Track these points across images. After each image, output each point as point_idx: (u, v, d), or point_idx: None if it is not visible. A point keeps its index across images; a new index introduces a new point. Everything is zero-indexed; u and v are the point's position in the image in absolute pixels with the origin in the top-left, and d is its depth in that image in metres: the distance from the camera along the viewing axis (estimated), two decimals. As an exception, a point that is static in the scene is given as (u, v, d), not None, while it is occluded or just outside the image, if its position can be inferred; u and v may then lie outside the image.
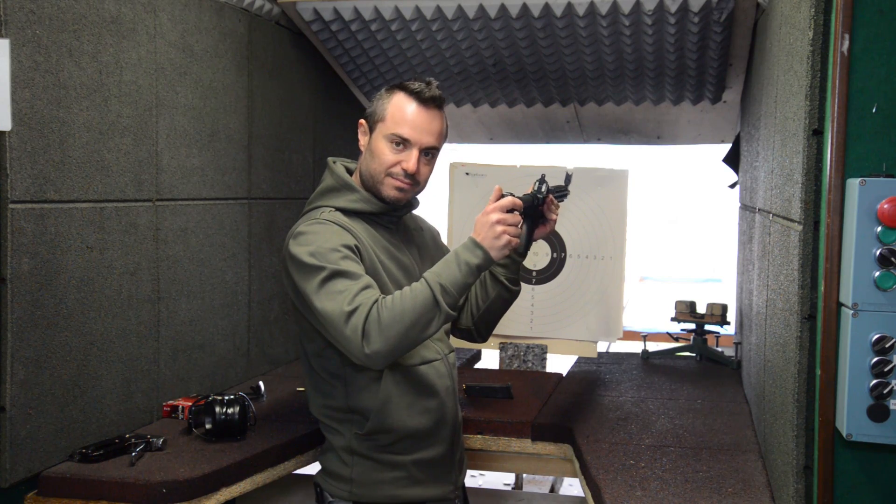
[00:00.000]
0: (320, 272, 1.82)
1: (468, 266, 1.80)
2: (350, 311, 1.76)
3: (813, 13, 1.64)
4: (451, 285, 1.79)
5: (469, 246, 1.83)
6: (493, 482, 4.34)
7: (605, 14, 2.84)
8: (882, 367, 1.54)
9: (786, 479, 1.79)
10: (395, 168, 1.97)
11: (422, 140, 1.98)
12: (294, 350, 3.30)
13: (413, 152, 1.97)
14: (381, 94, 2.02)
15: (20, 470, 2.00)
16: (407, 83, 2.00)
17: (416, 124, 1.97)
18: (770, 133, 2.23)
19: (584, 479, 2.20)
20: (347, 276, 1.81)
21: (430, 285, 1.78)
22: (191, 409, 2.34)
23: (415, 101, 1.97)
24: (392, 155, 1.97)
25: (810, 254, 1.69)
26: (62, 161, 2.09)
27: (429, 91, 1.98)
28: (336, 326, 1.77)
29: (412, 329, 1.76)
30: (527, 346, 3.30)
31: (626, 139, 4.03)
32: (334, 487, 2.01)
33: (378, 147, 1.98)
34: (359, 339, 1.74)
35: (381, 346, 1.74)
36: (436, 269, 1.83)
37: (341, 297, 1.78)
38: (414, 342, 1.80)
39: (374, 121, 2.00)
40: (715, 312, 3.41)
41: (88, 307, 2.18)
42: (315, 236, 1.88)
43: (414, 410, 1.98)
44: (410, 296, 1.78)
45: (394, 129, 1.96)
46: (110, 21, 2.25)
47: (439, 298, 1.77)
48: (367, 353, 1.75)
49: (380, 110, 1.99)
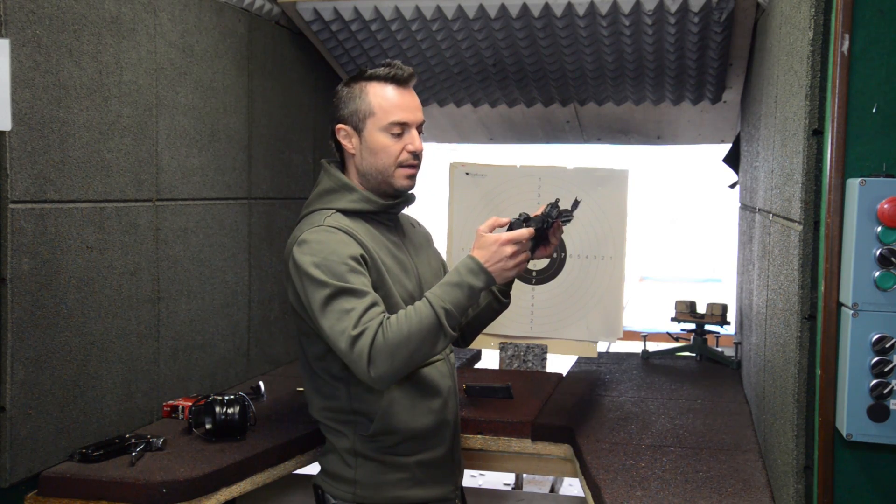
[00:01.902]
0: (326, 288, 1.82)
1: (471, 289, 1.83)
2: (356, 334, 1.77)
3: (813, 13, 1.64)
4: (454, 308, 1.81)
5: (474, 269, 1.83)
6: (493, 482, 4.34)
7: (605, 14, 2.84)
8: (882, 367, 1.54)
9: (786, 479, 1.79)
10: (402, 156, 1.97)
11: (417, 118, 1.99)
12: (294, 350, 3.29)
13: (413, 132, 1.99)
14: (349, 91, 1.99)
15: (20, 470, 2.00)
16: (375, 71, 1.98)
17: (406, 105, 1.97)
18: (770, 133, 2.23)
19: (584, 479, 2.20)
20: (353, 294, 1.82)
21: (435, 309, 1.80)
22: (191, 409, 2.34)
23: (393, 84, 1.97)
24: (396, 144, 1.97)
25: (810, 254, 1.69)
26: (62, 161, 2.09)
27: (403, 72, 1.98)
28: (341, 348, 1.80)
29: (417, 353, 1.80)
30: (527, 346, 3.30)
31: (626, 139, 4.03)
32: (337, 489, 2.00)
33: (378, 142, 1.97)
34: (364, 363, 1.77)
35: (386, 370, 1.78)
36: (440, 291, 1.83)
37: (347, 318, 1.79)
38: (418, 363, 1.86)
39: (360, 118, 1.98)
40: (715, 312, 3.41)
41: (88, 307, 2.18)
42: (321, 246, 1.87)
43: (418, 411, 1.98)
44: (416, 319, 1.79)
45: (391, 118, 1.96)
46: (110, 21, 2.25)
47: (443, 322, 1.80)
48: (373, 376, 1.78)
49: (363, 107, 1.97)
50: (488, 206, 3.36)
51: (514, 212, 1.99)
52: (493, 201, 3.35)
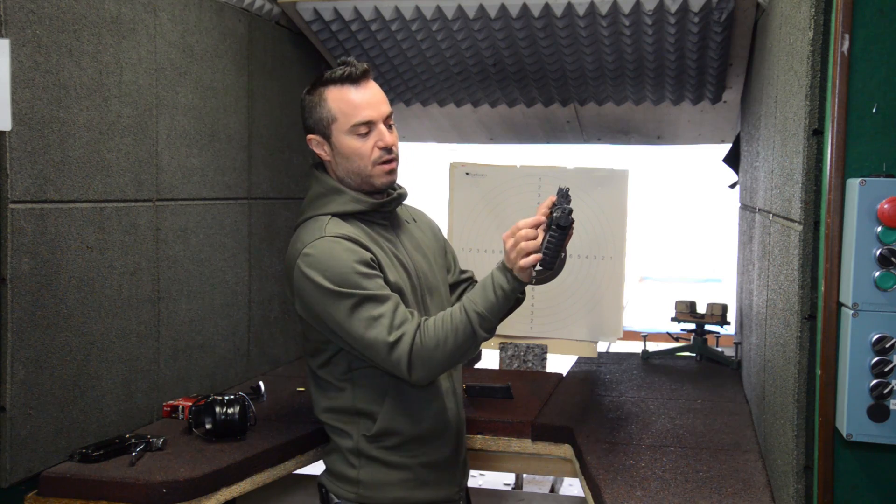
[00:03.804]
0: (348, 298, 1.83)
1: (503, 290, 1.84)
2: (393, 341, 1.81)
3: (813, 13, 1.64)
4: (487, 311, 1.83)
5: (501, 268, 1.86)
6: (493, 482, 4.34)
7: (606, 14, 2.84)
8: (882, 367, 1.54)
9: (786, 479, 1.79)
10: (374, 154, 1.95)
11: (381, 112, 1.97)
12: (294, 350, 3.30)
13: (380, 127, 1.96)
14: (310, 100, 1.98)
15: (20, 470, 2.00)
16: (329, 74, 1.97)
17: (367, 103, 1.95)
18: (770, 133, 2.23)
19: (584, 479, 2.20)
20: (376, 300, 1.84)
21: (468, 314, 1.83)
22: (191, 409, 2.34)
23: (349, 84, 1.95)
24: (365, 144, 1.95)
25: (810, 254, 1.69)
26: (62, 161, 2.09)
27: (356, 69, 1.96)
28: (380, 355, 1.84)
29: (453, 357, 1.86)
30: (527, 346, 3.30)
31: (626, 139, 4.04)
32: (340, 489, 2.01)
33: (348, 146, 1.95)
34: (404, 368, 1.83)
35: (424, 374, 1.86)
36: (474, 295, 1.86)
37: (379, 325, 1.82)
38: (456, 364, 1.94)
39: (325, 126, 1.96)
40: (715, 312, 3.41)
41: (88, 307, 2.18)
42: (328, 259, 1.86)
43: (422, 412, 1.98)
44: (451, 326, 1.83)
45: (353, 120, 1.94)
46: (110, 21, 2.25)
47: (476, 328, 1.83)
48: (413, 379, 1.86)
49: (325, 114, 1.96)
50: (488, 206, 3.36)
51: (514, 212, 1.99)
52: (493, 201, 3.35)
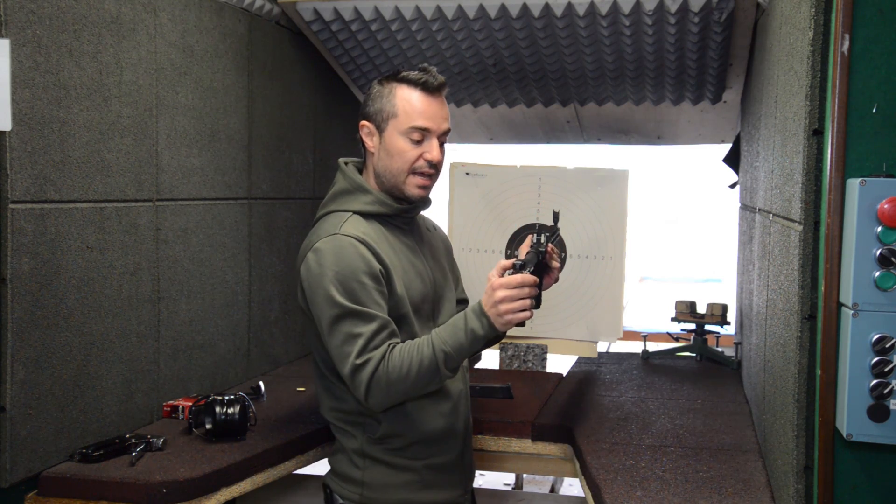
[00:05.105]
0: (336, 308, 1.82)
1: (474, 334, 1.81)
2: (359, 364, 1.80)
3: (813, 13, 1.64)
4: (455, 352, 1.81)
5: (477, 311, 1.81)
6: (493, 482, 4.34)
7: (606, 14, 2.84)
8: (882, 367, 1.54)
9: (786, 479, 1.79)
10: (418, 162, 1.94)
11: (441, 127, 1.96)
12: (294, 350, 3.30)
13: (433, 141, 1.95)
14: (379, 90, 1.97)
15: (20, 470, 2.00)
16: (406, 74, 1.96)
17: (431, 113, 1.94)
18: (770, 133, 2.23)
19: (584, 479, 2.20)
20: (361, 318, 1.82)
21: (436, 351, 1.81)
22: (191, 409, 2.34)
23: (421, 90, 1.94)
24: (414, 150, 1.93)
25: (810, 254, 1.69)
26: (62, 161, 2.09)
27: (434, 80, 1.95)
28: (343, 372, 1.83)
29: (412, 391, 1.84)
30: (527, 346, 3.30)
31: (626, 139, 4.03)
32: (345, 490, 1.99)
33: (396, 145, 1.94)
34: (362, 392, 1.82)
35: (380, 401, 1.84)
36: (444, 333, 1.83)
37: (353, 343, 1.81)
38: (413, 398, 1.91)
39: (383, 118, 1.95)
40: (715, 312, 3.41)
41: (88, 307, 2.18)
42: (337, 259, 1.85)
43: (427, 415, 1.97)
44: (417, 358, 1.81)
45: (412, 123, 1.92)
46: (110, 21, 2.25)
47: (441, 367, 1.81)
48: (369, 404, 1.84)
49: (388, 107, 1.94)
50: (488, 206, 3.36)
51: (514, 212, 1.98)
52: (493, 201, 3.35)
